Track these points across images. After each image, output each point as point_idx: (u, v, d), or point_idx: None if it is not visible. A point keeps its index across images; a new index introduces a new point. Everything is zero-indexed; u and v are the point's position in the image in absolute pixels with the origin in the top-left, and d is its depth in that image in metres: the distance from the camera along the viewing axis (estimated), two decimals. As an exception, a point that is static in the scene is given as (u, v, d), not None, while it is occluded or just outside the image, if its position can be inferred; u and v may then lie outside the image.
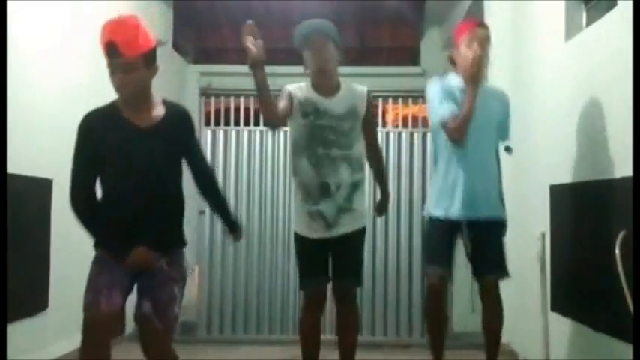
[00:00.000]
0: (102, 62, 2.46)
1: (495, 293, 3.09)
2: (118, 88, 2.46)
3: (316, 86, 3.08)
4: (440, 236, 3.15)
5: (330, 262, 3.11)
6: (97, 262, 2.57)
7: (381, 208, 3.42)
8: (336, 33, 3.09)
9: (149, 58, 2.48)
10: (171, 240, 2.64)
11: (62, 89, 3.92)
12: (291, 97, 3.04)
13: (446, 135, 3.05)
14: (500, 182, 3.23)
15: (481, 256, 3.12)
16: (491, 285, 3.10)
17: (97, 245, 2.60)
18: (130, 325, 2.73)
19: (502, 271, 3.12)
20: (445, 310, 3.26)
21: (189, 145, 2.70)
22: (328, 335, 3.52)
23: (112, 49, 2.40)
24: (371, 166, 3.37)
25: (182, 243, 2.70)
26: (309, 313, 3.13)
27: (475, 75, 2.99)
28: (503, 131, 3.25)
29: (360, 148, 3.14)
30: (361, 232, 3.16)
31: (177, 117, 2.63)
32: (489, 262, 3.10)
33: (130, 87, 2.45)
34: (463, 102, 3.00)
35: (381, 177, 3.41)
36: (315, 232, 3.05)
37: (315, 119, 3.02)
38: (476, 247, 3.11)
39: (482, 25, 3.21)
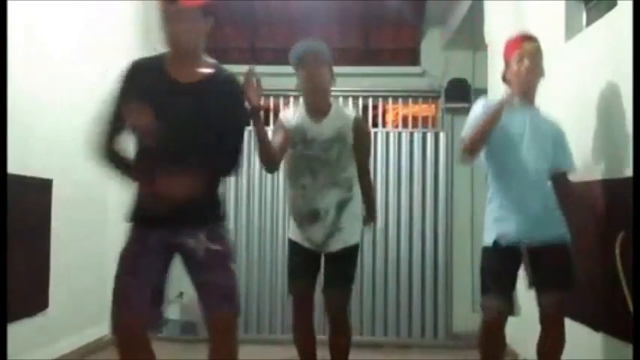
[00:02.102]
0: (103, 62, 2.43)
1: (557, 317, 2.80)
2: (175, 38, 2.25)
3: (308, 108, 3.07)
4: (497, 264, 2.84)
5: (321, 268, 3.15)
6: (127, 249, 2.30)
7: (365, 223, 3.31)
8: (330, 54, 3.07)
9: (208, 10, 2.30)
10: (207, 211, 2.32)
11: (63, 89, 3.92)
12: (285, 129, 3.04)
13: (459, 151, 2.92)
14: (556, 204, 2.88)
15: (543, 279, 2.81)
16: (551, 307, 2.79)
17: (130, 217, 2.34)
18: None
19: (563, 289, 2.78)
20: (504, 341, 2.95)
21: (227, 112, 2.32)
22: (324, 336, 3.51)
23: None
24: (362, 191, 3.22)
25: (220, 216, 2.39)
26: (299, 316, 3.16)
27: (528, 88, 2.82)
28: (561, 158, 2.90)
29: (350, 170, 3.11)
30: (352, 250, 3.12)
31: (221, 79, 2.37)
32: (549, 283, 2.79)
33: (186, 38, 2.25)
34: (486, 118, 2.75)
35: (368, 204, 3.25)
36: (308, 245, 3.09)
37: (303, 149, 3.03)
38: (537, 272, 2.82)
39: (530, 38, 2.91)
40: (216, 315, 2.31)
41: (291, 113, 3.14)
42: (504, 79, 2.93)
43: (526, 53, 2.81)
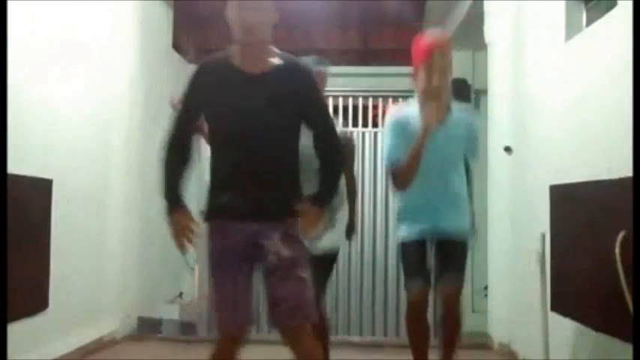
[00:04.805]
0: (102, 62, 2.43)
1: (454, 304, 3.09)
2: (249, 27, 2.25)
3: None
4: (412, 254, 3.05)
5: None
6: (213, 257, 2.42)
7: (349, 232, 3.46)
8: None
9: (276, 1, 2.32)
10: (285, 204, 2.31)
11: (63, 89, 3.92)
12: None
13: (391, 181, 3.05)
14: (467, 203, 3.10)
15: (442, 270, 3.06)
16: (450, 296, 3.06)
17: (208, 215, 2.38)
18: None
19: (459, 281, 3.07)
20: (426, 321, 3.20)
21: (307, 100, 2.36)
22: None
23: None
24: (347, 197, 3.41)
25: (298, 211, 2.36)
26: None
27: (439, 97, 2.89)
28: (470, 150, 3.08)
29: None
30: (333, 256, 3.26)
31: (293, 68, 2.35)
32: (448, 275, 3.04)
33: (258, 28, 2.26)
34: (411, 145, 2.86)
35: (350, 211, 3.41)
36: None
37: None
38: (439, 263, 3.06)
39: (439, 46, 2.97)
40: (286, 326, 2.33)
41: None
42: (415, 79, 3.04)
43: (434, 66, 2.89)
